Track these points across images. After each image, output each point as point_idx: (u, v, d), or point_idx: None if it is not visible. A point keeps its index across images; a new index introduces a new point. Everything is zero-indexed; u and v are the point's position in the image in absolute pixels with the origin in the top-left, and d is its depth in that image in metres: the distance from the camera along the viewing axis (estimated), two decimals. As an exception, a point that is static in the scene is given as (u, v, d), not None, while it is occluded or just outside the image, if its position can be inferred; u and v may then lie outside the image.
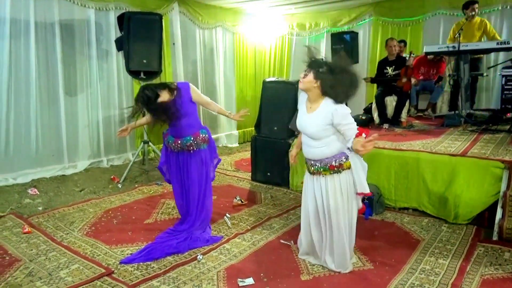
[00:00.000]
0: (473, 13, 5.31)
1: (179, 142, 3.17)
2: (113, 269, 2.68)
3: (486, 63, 5.88)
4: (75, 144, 5.29)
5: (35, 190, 4.40)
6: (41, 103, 4.90)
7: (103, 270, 2.65)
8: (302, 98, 2.71)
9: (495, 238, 3.13)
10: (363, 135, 2.46)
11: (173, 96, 3.02)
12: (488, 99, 6.25)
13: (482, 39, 5.44)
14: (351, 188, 2.61)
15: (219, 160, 3.50)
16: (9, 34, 4.51)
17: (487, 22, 5.46)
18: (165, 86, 3.06)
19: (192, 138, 3.16)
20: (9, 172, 4.66)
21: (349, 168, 2.57)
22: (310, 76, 2.51)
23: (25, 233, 3.26)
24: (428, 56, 5.84)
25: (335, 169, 2.56)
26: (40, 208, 3.91)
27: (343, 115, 2.48)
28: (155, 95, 2.95)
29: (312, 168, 2.64)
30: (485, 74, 5.54)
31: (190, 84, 3.16)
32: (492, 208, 3.30)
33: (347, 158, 2.57)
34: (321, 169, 2.59)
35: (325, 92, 2.51)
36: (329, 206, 2.59)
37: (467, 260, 2.80)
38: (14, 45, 4.60)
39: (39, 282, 2.52)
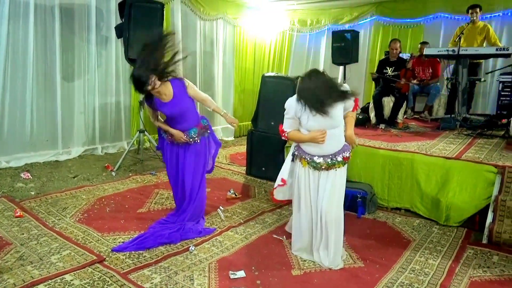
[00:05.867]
0: (473, 17, 5.34)
1: (187, 134, 3.12)
2: (104, 257, 2.68)
3: (484, 69, 5.91)
4: (70, 130, 5.26)
5: (28, 174, 4.37)
6: (38, 87, 4.85)
7: (95, 257, 2.64)
8: (291, 110, 2.63)
9: (484, 241, 3.17)
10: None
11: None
12: (485, 104, 6.28)
13: (484, 44, 5.46)
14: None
15: (219, 144, 3.47)
16: (7, 15, 4.45)
17: (490, 27, 5.48)
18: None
19: (197, 129, 3.16)
20: (3, 155, 4.63)
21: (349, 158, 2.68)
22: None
23: (17, 217, 3.24)
24: (422, 57, 5.86)
25: (347, 160, 2.64)
26: (33, 193, 3.89)
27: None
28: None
29: (326, 163, 2.59)
30: (482, 80, 5.56)
31: (185, 80, 3.06)
32: (483, 212, 3.33)
33: (350, 148, 2.68)
34: (336, 162, 2.60)
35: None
36: (332, 201, 2.60)
37: (456, 261, 2.83)
38: (13, 26, 4.54)
39: (29, 266, 2.51)
